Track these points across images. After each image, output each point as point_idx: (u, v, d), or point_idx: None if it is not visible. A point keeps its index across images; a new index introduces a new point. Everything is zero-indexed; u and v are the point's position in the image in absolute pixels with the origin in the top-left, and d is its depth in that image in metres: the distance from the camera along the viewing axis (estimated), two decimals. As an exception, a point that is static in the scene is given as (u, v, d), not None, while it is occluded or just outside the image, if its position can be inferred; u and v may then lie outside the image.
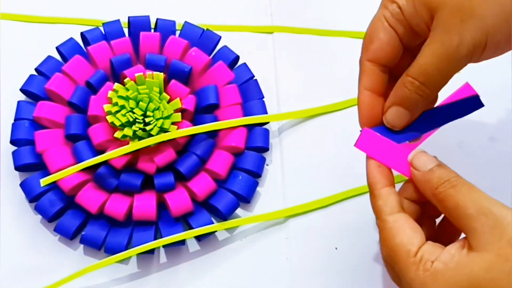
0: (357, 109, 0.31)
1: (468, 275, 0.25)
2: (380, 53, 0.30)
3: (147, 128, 0.38)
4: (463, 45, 0.27)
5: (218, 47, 0.44)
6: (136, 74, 0.39)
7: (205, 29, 0.44)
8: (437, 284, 0.26)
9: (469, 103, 0.31)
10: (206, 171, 0.40)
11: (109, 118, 0.38)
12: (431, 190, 0.28)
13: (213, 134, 0.41)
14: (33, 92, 0.42)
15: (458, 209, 0.27)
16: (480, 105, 0.31)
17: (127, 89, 0.38)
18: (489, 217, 0.26)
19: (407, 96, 0.29)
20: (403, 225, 0.28)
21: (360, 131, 0.31)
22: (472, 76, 0.45)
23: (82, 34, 0.44)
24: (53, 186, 0.39)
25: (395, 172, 0.31)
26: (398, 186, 0.31)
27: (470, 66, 0.45)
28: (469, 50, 0.27)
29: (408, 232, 0.28)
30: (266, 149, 0.42)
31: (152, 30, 0.44)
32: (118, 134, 0.38)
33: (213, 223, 0.39)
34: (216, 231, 0.39)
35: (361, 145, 0.31)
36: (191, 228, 0.39)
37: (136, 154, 0.39)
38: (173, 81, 0.41)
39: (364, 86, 0.31)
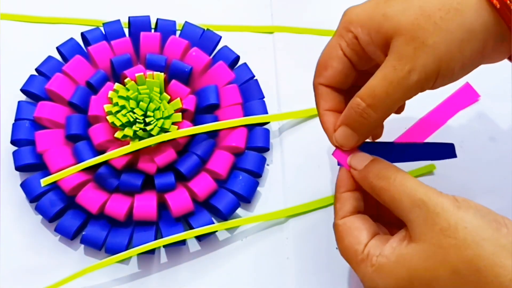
0: (324, 130, 0.33)
1: (408, 267, 0.26)
2: (333, 80, 0.32)
3: (148, 128, 0.38)
4: (414, 72, 0.28)
5: (219, 47, 0.44)
6: (137, 74, 0.39)
7: (205, 29, 0.44)
8: (382, 278, 0.27)
9: (444, 150, 0.32)
10: (207, 171, 0.40)
11: (110, 118, 0.38)
12: (369, 185, 0.29)
13: (213, 134, 0.41)
14: (34, 92, 0.42)
15: (394, 202, 0.28)
16: (454, 155, 0.31)
17: (128, 89, 0.38)
18: (422, 209, 0.26)
19: (353, 118, 0.30)
20: (350, 227, 0.30)
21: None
22: (472, 75, 0.45)
23: (82, 34, 0.44)
24: (54, 186, 0.39)
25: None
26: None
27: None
28: (420, 77, 0.28)
29: (354, 233, 0.29)
30: (266, 149, 0.42)
31: (153, 30, 0.44)
32: (118, 134, 0.38)
33: (213, 223, 0.39)
34: (216, 231, 0.39)
35: (337, 152, 0.33)
36: (191, 228, 0.39)
37: (136, 154, 0.39)
38: (173, 81, 0.41)
39: (323, 108, 0.32)
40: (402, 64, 0.28)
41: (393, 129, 0.35)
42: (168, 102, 0.39)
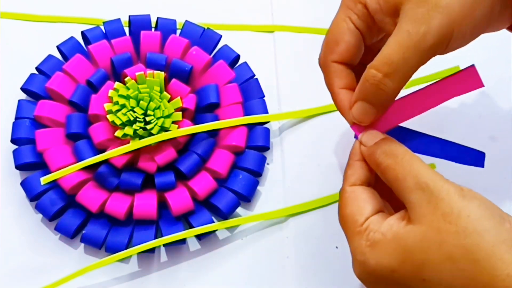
0: (339, 109, 0.32)
1: (403, 246, 0.26)
2: (346, 55, 0.31)
3: (148, 127, 0.38)
4: (430, 34, 0.27)
5: (219, 46, 0.44)
6: (137, 73, 0.39)
7: (205, 28, 0.44)
8: (374, 253, 0.27)
9: (473, 157, 0.31)
10: (207, 170, 0.40)
11: (110, 117, 0.38)
12: (375, 162, 0.29)
13: (213, 133, 0.41)
14: (34, 91, 0.42)
15: (397, 181, 0.27)
16: (482, 165, 0.31)
17: (128, 88, 0.38)
18: (425, 191, 0.26)
19: (369, 91, 0.29)
20: (357, 196, 0.29)
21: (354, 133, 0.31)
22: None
23: (82, 33, 0.44)
24: (54, 185, 0.39)
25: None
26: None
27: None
28: (435, 40, 0.27)
29: (360, 203, 0.28)
30: (266, 148, 0.42)
31: (153, 29, 0.44)
32: (118, 133, 0.38)
33: (213, 222, 0.39)
34: (216, 230, 0.39)
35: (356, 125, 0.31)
36: (191, 227, 0.39)
37: (136, 153, 0.39)
38: (173, 80, 0.41)
39: (338, 86, 0.31)
40: (416, 27, 0.27)
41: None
42: (169, 101, 0.39)
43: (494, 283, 0.24)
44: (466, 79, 0.30)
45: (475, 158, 0.31)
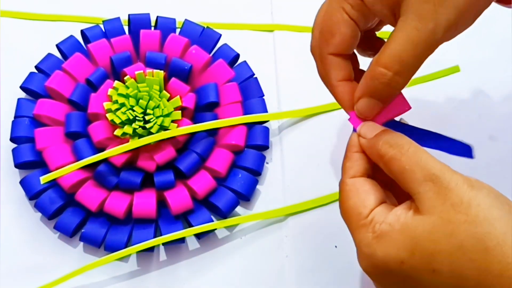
0: (339, 101, 0.31)
1: (412, 237, 0.26)
2: (343, 47, 0.30)
3: (147, 126, 0.38)
4: (439, 29, 0.27)
5: (219, 45, 0.44)
6: (136, 72, 0.39)
7: (205, 27, 0.44)
8: (382, 245, 0.26)
9: (462, 149, 0.31)
10: (206, 169, 0.40)
11: (109, 116, 0.38)
12: (378, 153, 0.28)
13: (213, 132, 0.41)
14: (33, 89, 0.42)
15: (404, 173, 0.27)
16: (471, 156, 0.31)
17: (127, 87, 0.38)
18: (435, 183, 0.26)
19: (379, 88, 0.28)
20: (358, 189, 0.28)
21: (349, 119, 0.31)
22: (472, 74, 0.45)
23: (82, 31, 0.44)
24: (53, 183, 0.39)
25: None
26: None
27: (471, 65, 0.45)
28: (444, 33, 0.27)
29: (362, 195, 0.28)
30: (266, 147, 0.42)
31: (152, 28, 0.44)
32: (118, 132, 0.38)
33: (213, 221, 0.39)
34: (216, 229, 0.39)
35: (354, 117, 0.31)
36: (190, 226, 0.39)
37: (136, 152, 0.39)
38: (173, 79, 0.41)
39: (337, 79, 0.31)
40: (424, 23, 0.27)
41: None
42: (168, 100, 0.39)
43: (505, 271, 0.23)
44: (395, 103, 0.30)
45: (464, 150, 0.31)
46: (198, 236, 0.39)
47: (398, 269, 0.26)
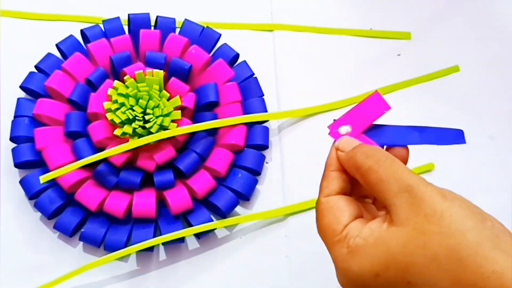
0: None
1: (386, 250, 0.26)
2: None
3: (147, 125, 0.38)
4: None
5: (218, 44, 0.44)
6: (136, 72, 0.39)
7: (205, 26, 0.44)
8: (357, 260, 0.26)
9: (453, 135, 0.31)
10: (206, 169, 0.40)
11: (109, 116, 0.38)
12: (355, 165, 0.28)
13: (212, 132, 0.41)
14: (33, 89, 0.42)
15: (381, 184, 0.27)
16: (463, 141, 0.31)
17: (127, 87, 0.38)
18: (410, 194, 0.26)
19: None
20: (333, 206, 0.28)
21: (334, 120, 0.32)
22: (473, 74, 0.45)
23: (82, 31, 0.44)
24: (53, 183, 0.39)
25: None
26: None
27: (471, 65, 0.45)
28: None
29: (336, 213, 0.28)
30: (265, 147, 0.42)
31: (152, 28, 0.44)
32: (117, 132, 0.38)
33: (212, 220, 0.39)
34: (215, 228, 0.39)
35: (334, 130, 0.32)
36: (190, 225, 0.39)
37: (135, 151, 0.39)
38: (173, 78, 0.41)
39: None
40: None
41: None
42: (168, 100, 0.39)
43: (480, 281, 0.23)
44: (375, 105, 0.30)
45: (455, 136, 0.31)
46: (198, 235, 0.39)
47: (374, 283, 0.26)
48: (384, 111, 0.31)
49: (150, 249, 0.38)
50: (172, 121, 0.39)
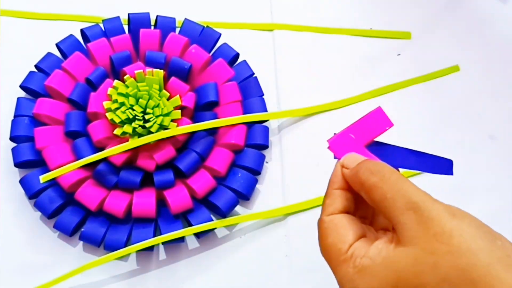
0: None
1: (395, 270, 0.25)
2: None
3: (147, 125, 0.38)
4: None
5: (218, 44, 0.44)
6: (136, 71, 0.39)
7: (205, 26, 0.44)
8: (364, 280, 0.26)
9: (443, 165, 0.31)
10: (206, 169, 0.40)
11: (109, 115, 0.38)
12: (359, 181, 0.28)
13: (212, 131, 0.41)
14: (33, 88, 0.42)
15: (386, 201, 0.26)
16: (451, 173, 0.30)
17: (127, 86, 0.38)
18: (417, 212, 0.25)
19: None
20: (336, 225, 0.28)
21: (334, 133, 0.31)
22: (472, 74, 0.45)
23: (82, 30, 0.44)
24: (53, 183, 0.39)
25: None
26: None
27: (471, 65, 0.45)
28: None
29: (340, 231, 0.28)
30: (265, 146, 0.42)
31: (152, 27, 0.44)
32: (117, 131, 0.38)
33: (212, 220, 0.39)
34: (215, 228, 0.39)
35: (333, 145, 0.31)
36: (190, 225, 0.39)
37: (135, 151, 0.39)
38: (173, 78, 0.41)
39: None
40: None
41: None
42: (168, 99, 0.39)
43: None
44: (377, 120, 0.30)
45: (445, 166, 0.31)
46: (198, 235, 0.39)
47: None
48: (386, 128, 0.30)
49: (150, 248, 0.38)
50: (172, 120, 0.39)
